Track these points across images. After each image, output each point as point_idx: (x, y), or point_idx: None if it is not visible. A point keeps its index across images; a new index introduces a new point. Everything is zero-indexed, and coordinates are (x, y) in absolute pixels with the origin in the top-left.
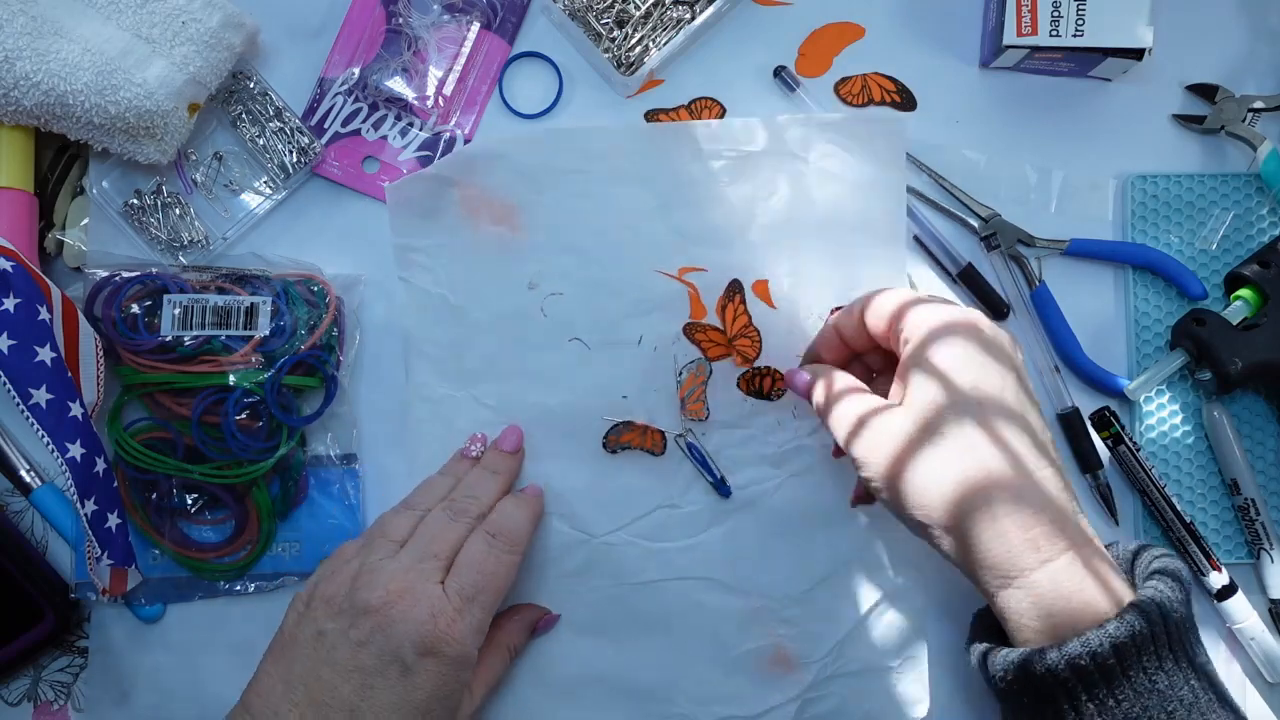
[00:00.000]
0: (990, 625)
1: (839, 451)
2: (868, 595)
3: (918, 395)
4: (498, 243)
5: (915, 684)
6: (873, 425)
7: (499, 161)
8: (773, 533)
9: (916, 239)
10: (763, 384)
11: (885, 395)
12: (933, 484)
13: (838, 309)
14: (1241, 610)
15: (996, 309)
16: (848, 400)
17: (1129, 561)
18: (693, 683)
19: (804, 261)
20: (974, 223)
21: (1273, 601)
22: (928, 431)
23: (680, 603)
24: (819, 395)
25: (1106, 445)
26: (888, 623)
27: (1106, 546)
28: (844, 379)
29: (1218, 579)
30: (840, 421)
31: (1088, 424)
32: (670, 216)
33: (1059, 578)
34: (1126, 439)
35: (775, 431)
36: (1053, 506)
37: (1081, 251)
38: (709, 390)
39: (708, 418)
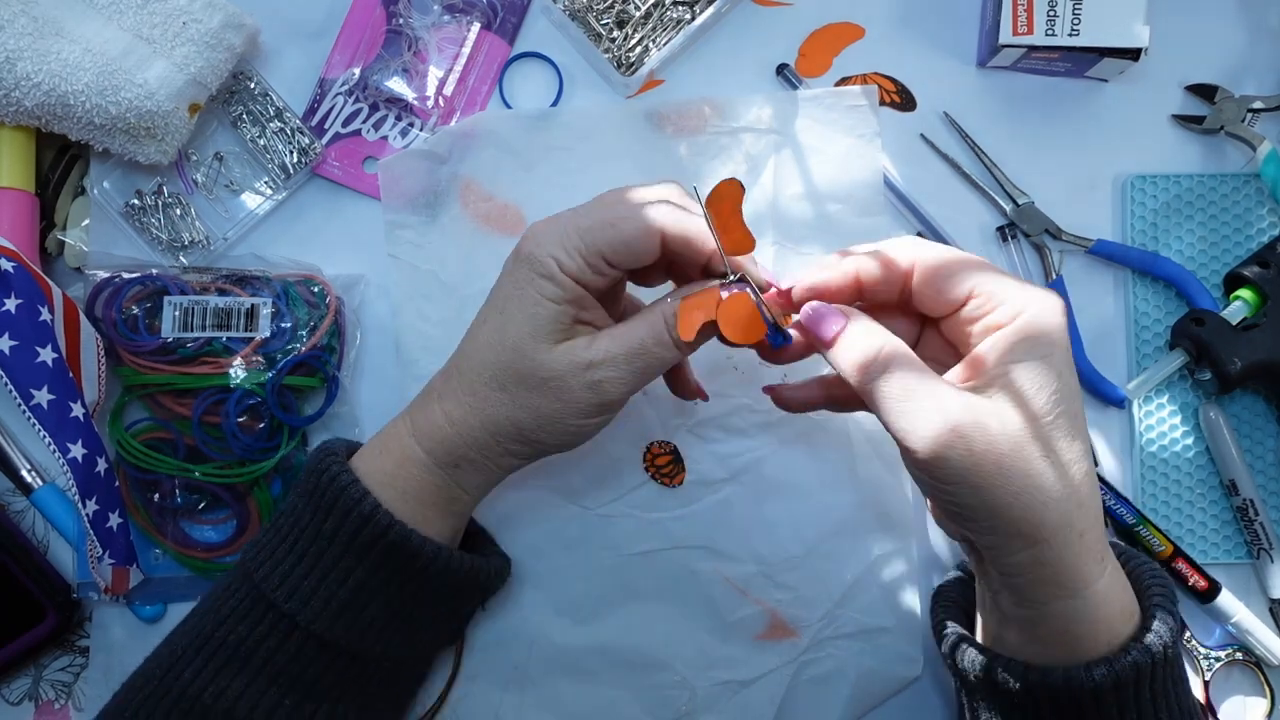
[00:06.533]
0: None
1: (801, 406)
2: (860, 558)
3: (1030, 390)
4: (487, 219)
5: (909, 643)
6: (964, 420)
7: (488, 138)
8: (764, 500)
9: (920, 235)
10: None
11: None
12: (1038, 497)
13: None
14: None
15: None
16: (909, 377)
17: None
18: (691, 650)
19: (787, 234)
20: (1006, 206)
21: (1273, 601)
22: (1039, 438)
23: (677, 571)
24: (858, 353)
25: None
26: (880, 585)
27: None
28: (895, 342)
29: None
30: (898, 402)
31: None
32: None
33: (1113, 588)
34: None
35: (764, 399)
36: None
37: (1103, 253)
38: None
39: None
